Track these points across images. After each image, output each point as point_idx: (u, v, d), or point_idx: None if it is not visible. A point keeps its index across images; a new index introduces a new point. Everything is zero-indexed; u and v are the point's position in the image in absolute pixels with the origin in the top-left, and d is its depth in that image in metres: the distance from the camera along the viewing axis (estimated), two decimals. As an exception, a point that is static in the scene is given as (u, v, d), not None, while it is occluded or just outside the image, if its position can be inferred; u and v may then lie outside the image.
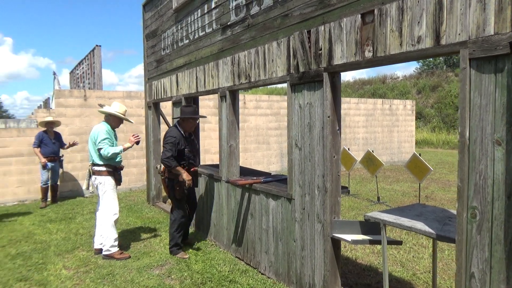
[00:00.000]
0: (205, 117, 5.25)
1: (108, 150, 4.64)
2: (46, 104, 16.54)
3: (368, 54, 2.79)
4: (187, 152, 4.70)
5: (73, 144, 7.81)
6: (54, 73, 13.11)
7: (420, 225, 2.69)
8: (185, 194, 4.73)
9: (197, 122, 5.15)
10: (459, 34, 2.24)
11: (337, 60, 3.07)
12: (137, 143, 4.84)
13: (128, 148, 4.84)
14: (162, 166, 4.81)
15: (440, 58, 28.02)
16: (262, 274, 4.21)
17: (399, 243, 3.65)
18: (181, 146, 4.64)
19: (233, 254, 4.80)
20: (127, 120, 5.06)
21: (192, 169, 4.78)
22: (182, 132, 4.71)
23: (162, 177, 4.84)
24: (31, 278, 4.18)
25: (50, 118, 7.78)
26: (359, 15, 2.84)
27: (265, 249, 4.18)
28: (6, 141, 8.21)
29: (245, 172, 5.19)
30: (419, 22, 2.44)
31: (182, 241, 4.89)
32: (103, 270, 4.34)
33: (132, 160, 9.51)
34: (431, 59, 28.92)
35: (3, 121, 8.77)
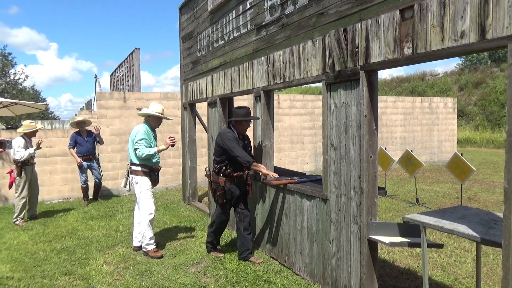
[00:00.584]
0: (258, 118, 4.94)
1: (142, 151, 4.75)
2: (88, 105, 17.26)
3: (408, 51, 2.70)
4: None
5: (98, 131, 8.03)
6: (96, 76, 13.66)
7: (463, 228, 2.57)
8: (227, 199, 4.57)
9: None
10: (506, 27, 2.12)
11: (375, 58, 3.00)
12: (173, 145, 4.92)
13: (163, 150, 4.92)
14: (211, 169, 4.75)
15: (484, 53, 26.72)
16: (296, 274, 4.19)
17: (440, 246, 3.52)
18: None
19: (267, 254, 4.80)
20: (165, 118, 5.14)
21: (235, 174, 4.51)
22: (237, 134, 4.54)
23: (209, 181, 4.84)
24: (75, 272, 4.37)
25: (80, 118, 8.02)
26: (398, 11, 2.75)
27: (300, 249, 4.15)
28: (52, 141, 8.65)
29: (279, 172, 5.17)
30: (462, 16, 2.34)
31: (218, 242, 4.91)
32: (141, 267, 4.47)
33: (169, 159, 9.74)
34: (474, 54, 27.63)
35: (49, 123, 9.27)
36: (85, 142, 7.81)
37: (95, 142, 8.08)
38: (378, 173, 3.38)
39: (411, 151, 7.97)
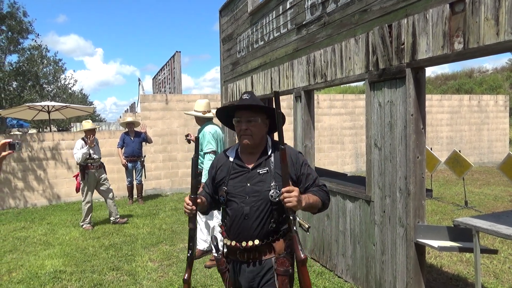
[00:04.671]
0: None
1: None
2: (132, 108, 17.93)
3: (458, 46, 2.58)
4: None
5: (144, 129, 8.25)
6: (139, 80, 14.18)
7: (521, 234, 2.41)
8: None
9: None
10: None
11: (422, 54, 2.88)
12: (188, 142, 4.92)
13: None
14: None
15: (539, 47, 24.90)
16: (338, 277, 4.11)
17: (493, 252, 3.32)
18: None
19: (308, 255, 4.75)
20: (190, 114, 4.89)
21: (231, 244, 2.05)
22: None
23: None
24: (122, 268, 4.54)
25: (130, 119, 8.24)
26: (448, 5, 2.63)
27: (342, 251, 4.07)
28: (99, 142, 9.04)
29: (320, 172, 5.12)
30: (520, 8, 2.20)
31: None
32: (184, 264, 4.56)
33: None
34: (527, 49, 25.80)
35: (96, 125, 9.69)
36: (132, 142, 8.02)
37: (144, 142, 8.28)
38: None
39: (459, 151, 7.61)
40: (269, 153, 2.05)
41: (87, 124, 6.42)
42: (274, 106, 1.82)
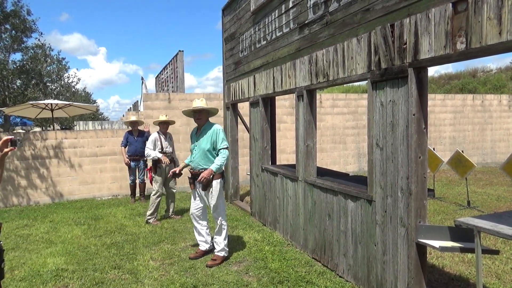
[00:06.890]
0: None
1: None
2: (135, 106, 17.94)
3: (461, 46, 2.56)
4: None
5: (148, 128, 8.37)
6: (142, 78, 14.20)
7: (523, 235, 2.40)
8: None
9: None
10: None
11: (424, 54, 2.87)
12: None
13: None
14: None
15: (543, 47, 24.71)
16: (340, 277, 4.11)
17: (495, 252, 3.30)
18: None
19: (310, 255, 4.75)
20: (191, 109, 4.72)
21: None
22: None
23: None
24: (123, 266, 4.56)
25: (133, 118, 8.25)
26: (450, 4, 2.62)
27: (343, 251, 4.06)
28: (102, 141, 9.07)
29: (322, 172, 5.11)
30: (522, 7, 2.18)
31: None
32: (185, 264, 4.58)
33: (211, 159, 9.89)
34: (531, 48, 25.60)
35: (99, 123, 9.73)
36: (135, 141, 8.03)
37: (147, 141, 8.27)
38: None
39: (462, 151, 7.58)
40: None
41: (163, 117, 6.70)
42: None
